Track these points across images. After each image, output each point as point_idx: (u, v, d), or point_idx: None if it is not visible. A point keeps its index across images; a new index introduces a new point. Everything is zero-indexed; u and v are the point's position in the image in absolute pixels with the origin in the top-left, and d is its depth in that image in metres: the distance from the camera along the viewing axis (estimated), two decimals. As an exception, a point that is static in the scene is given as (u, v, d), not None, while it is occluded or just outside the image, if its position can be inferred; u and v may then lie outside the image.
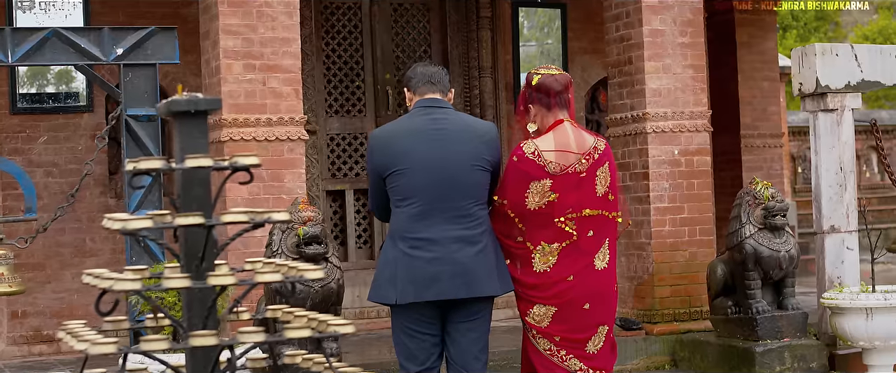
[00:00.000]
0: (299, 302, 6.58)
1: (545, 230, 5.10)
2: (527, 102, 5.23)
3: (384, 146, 4.99)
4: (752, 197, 8.27)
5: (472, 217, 4.93)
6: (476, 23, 11.01)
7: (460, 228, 4.89)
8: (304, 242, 6.58)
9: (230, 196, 7.71)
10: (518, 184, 5.07)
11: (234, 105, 7.87)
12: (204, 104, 3.51)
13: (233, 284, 3.33)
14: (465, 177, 4.93)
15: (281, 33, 7.94)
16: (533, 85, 5.19)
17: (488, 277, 4.93)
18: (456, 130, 4.98)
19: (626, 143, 9.24)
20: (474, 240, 4.91)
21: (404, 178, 4.93)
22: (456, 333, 5.00)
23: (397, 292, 4.93)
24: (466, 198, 4.93)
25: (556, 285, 5.11)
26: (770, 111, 13.38)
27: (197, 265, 3.47)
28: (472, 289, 4.89)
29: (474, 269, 4.89)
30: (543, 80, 5.17)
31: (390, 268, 4.97)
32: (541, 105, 5.18)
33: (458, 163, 4.92)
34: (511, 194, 5.09)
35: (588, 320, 5.16)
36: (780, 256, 8.20)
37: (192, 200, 3.49)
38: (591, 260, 5.15)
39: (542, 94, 5.17)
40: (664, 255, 8.97)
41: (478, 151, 4.96)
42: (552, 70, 5.27)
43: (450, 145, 4.93)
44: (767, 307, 8.28)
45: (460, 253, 4.87)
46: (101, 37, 7.00)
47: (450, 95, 5.13)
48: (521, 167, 5.08)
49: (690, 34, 9.14)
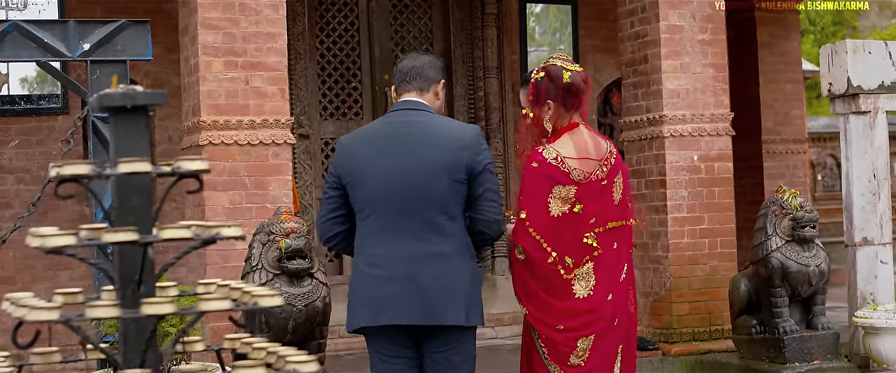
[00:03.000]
0: (281, 322, 6.14)
1: (573, 247, 4.74)
2: (546, 96, 4.78)
3: (344, 153, 4.59)
4: (778, 207, 8.04)
5: (441, 233, 4.43)
6: (481, 20, 10.82)
7: (425, 244, 4.41)
8: (286, 257, 6.16)
9: (209, 205, 7.34)
10: (539, 191, 4.70)
11: (214, 106, 7.51)
12: (143, 98, 3.11)
13: (170, 313, 2.85)
14: (432, 187, 4.45)
15: (265, 28, 7.58)
16: (563, 81, 4.78)
17: (450, 304, 4.40)
18: (424, 135, 4.52)
19: (642, 148, 9.00)
20: (440, 258, 4.42)
21: (360, 188, 4.49)
22: (433, 362, 4.52)
23: (352, 314, 4.52)
24: (433, 210, 4.43)
25: (601, 308, 4.77)
26: (793, 115, 13.25)
27: (133, 290, 3.01)
28: (430, 315, 4.39)
29: (435, 292, 4.39)
30: (574, 78, 4.80)
31: (351, 288, 4.57)
32: (560, 104, 4.80)
33: (424, 171, 4.45)
34: (531, 204, 4.71)
35: (616, 343, 4.86)
36: (810, 270, 7.96)
37: (128, 212, 3.04)
38: (619, 273, 4.86)
39: (570, 94, 4.80)
40: (682, 269, 8.79)
41: (450, 157, 4.46)
42: (575, 66, 4.90)
43: (414, 152, 4.48)
44: (795, 327, 8.05)
45: (422, 273, 4.38)
46: (66, 31, 6.61)
47: (435, 88, 4.65)
48: (544, 172, 4.70)
49: (711, 30, 8.90)
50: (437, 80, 4.63)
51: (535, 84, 4.80)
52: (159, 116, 9.98)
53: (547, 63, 4.87)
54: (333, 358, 9.36)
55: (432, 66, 4.65)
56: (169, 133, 9.78)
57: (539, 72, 4.82)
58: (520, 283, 4.77)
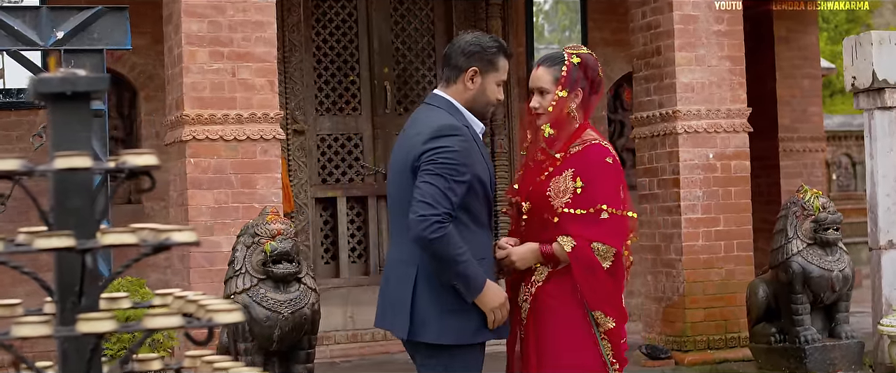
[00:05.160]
0: (266, 331, 5.83)
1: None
2: (579, 84, 4.44)
3: None
4: (799, 207, 7.97)
5: (403, 235, 4.28)
6: (485, 11, 10.68)
7: (394, 248, 4.35)
8: (271, 260, 5.85)
9: (192, 205, 7.08)
10: (621, 186, 4.40)
11: (198, 99, 7.27)
12: (84, 84, 2.79)
13: (109, 331, 2.51)
14: (399, 187, 4.29)
15: (253, 16, 7.33)
16: (599, 78, 4.49)
17: (396, 314, 4.23)
18: (405, 134, 4.41)
19: (654, 145, 8.88)
20: (395, 265, 4.30)
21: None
22: None
23: None
24: (400, 213, 4.28)
25: None
26: (810, 112, 13.16)
27: (73, 304, 2.68)
28: (382, 320, 4.37)
29: (386, 297, 4.34)
30: (602, 77, 4.53)
31: None
32: (581, 102, 4.45)
33: (394, 172, 4.35)
34: (629, 202, 4.42)
35: None
36: (833, 276, 7.87)
37: (67, 214, 2.72)
38: None
39: (594, 92, 4.49)
40: (697, 273, 8.69)
41: (409, 156, 4.27)
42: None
43: (396, 152, 4.41)
44: (817, 335, 7.99)
45: (386, 276, 4.37)
46: (38, 18, 6.34)
47: (463, 77, 4.34)
48: (618, 166, 4.42)
49: (727, 21, 8.78)
50: (464, 68, 4.32)
51: (572, 68, 4.44)
52: (146, 110, 9.70)
53: (578, 49, 4.52)
54: (329, 366, 9.11)
55: (462, 52, 4.33)
56: (156, 129, 9.48)
57: (574, 55, 4.46)
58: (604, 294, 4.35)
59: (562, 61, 4.41)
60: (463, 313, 4.14)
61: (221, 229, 7.12)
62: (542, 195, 4.36)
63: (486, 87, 4.32)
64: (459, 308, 4.13)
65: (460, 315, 4.14)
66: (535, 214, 4.40)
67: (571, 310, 4.30)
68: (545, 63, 4.46)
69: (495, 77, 4.32)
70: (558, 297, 4.32)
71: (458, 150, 4.11)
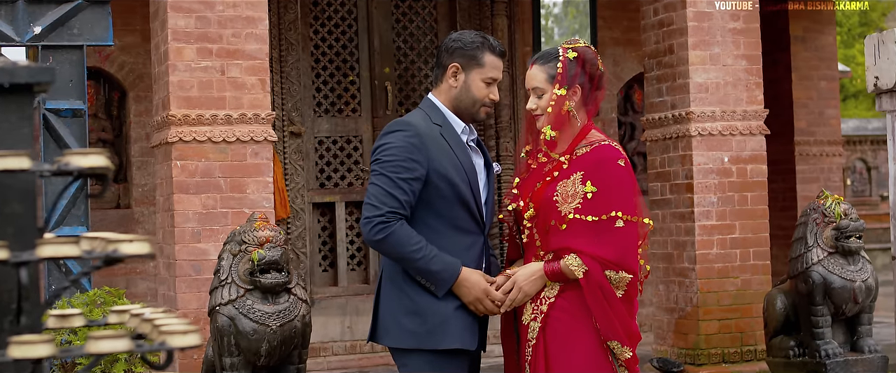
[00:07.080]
0: (252, 345, 5.58)
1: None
2: (577, 80, 4.24)
3: None
4: (820, 214, 7.68)
5: None
6: (490, 9, 10.57)
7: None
8: (259, 269, 5.57)
9: (179, 210, 6.81)
10: (636, 191, 4.22)
11: (186, 98, 7.03)
12: (24, 75, 2.55)
13: (47, 356, 2.25)
14: None
15: (244, 11, 7.11)
16: (599, 72, 4.28)
17: (373, 317, 4.29)
18: None
19: (666, 148, 8.69)
20: (384, 267, 4.27)
21: None
22: None
23: None
24: None
25: None
26: (828, 115, 13.00)
27: (10, 323, 2.45)
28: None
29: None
30: (602, 71, 4.32)
31: None
32: (581, 100, 4.26)
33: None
34: (644, 208, 4.25)
35: None
36: (856, 286, 7.58)
37: (5, 222, 2.45)
38: None
39: (595, 89, 4.30)
40: (711, 283, 8.51)
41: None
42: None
43: None
44: (839, 349, 7.70)
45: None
46: (14, 12, 6.12)
47: (445, 76, 4.29)
48: (630, 171, 4.25)
49: (744, 18, 8.55)
50: (446, 65, 4.27)
51: (568, 63, 4.22)
52: (136, 111, 9.47)
53: (574, 44, 4.32)
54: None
55: (445, 49, 4.29)
56: (146, 131, 9.23)
57: (570, 50, 4.25)
58: (619, 323, 4.10)
59: (556, 58, 4.20)
60: (416, 315, 4.04)
61: (209, 236, 6.87)
62: (548, 200, 4.11)
63: (470, 85, 4.20)
64: (416, 310, 4.03)
65: (414, 318, 4.04)
66: (540, 220, 4.14)
67: (588, 337, 4.06)
68: (539, 61, 4.26)
69: (480, 73, 4.19)
70: (572, 320, 4.07)
71: (401, 145, 4.03)
